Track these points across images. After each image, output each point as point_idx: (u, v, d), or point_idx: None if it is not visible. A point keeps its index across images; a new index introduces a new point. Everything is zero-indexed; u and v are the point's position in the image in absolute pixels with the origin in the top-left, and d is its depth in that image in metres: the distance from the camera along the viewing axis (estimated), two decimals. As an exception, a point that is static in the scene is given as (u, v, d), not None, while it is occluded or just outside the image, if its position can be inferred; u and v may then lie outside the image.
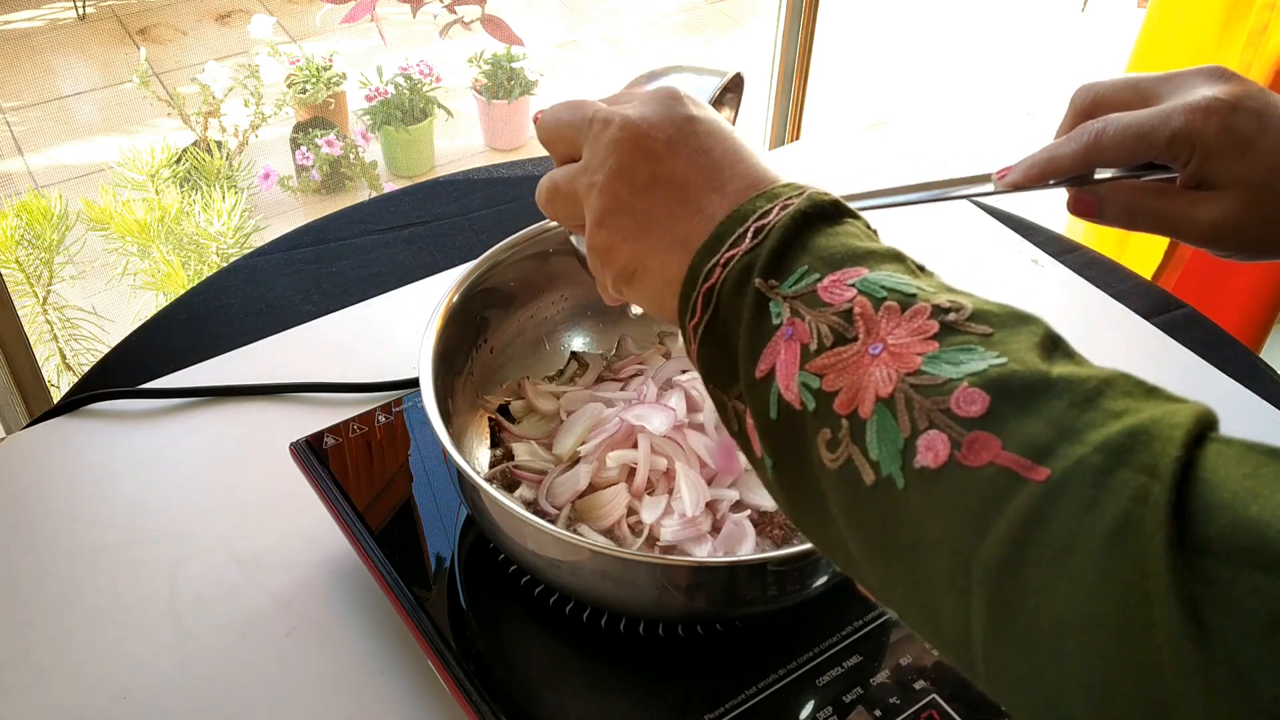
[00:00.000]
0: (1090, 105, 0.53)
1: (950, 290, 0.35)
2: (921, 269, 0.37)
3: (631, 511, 0.63)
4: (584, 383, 0.72)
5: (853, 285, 0.35)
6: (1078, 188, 0.52)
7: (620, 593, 0.56)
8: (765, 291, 0.36)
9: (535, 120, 0.47)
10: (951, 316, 0.33)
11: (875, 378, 0.32)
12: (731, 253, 0.37)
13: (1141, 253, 1.51)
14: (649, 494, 0.63)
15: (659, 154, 0.41)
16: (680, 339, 0.59)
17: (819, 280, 0.35)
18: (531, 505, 0.64)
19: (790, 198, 0.38)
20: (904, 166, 1.12)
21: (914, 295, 0.34)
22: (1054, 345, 0.32)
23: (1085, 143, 0.50)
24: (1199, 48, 1.41)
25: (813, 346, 0.34)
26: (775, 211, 0.37)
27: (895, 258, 0.36)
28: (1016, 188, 0.52)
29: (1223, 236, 0.49)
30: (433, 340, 0.62)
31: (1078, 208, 0.53)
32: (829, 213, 0.37)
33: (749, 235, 0.37)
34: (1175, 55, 1.45)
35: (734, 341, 0.37)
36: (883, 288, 0.34)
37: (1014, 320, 0.33)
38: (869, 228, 0.38)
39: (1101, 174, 0.51)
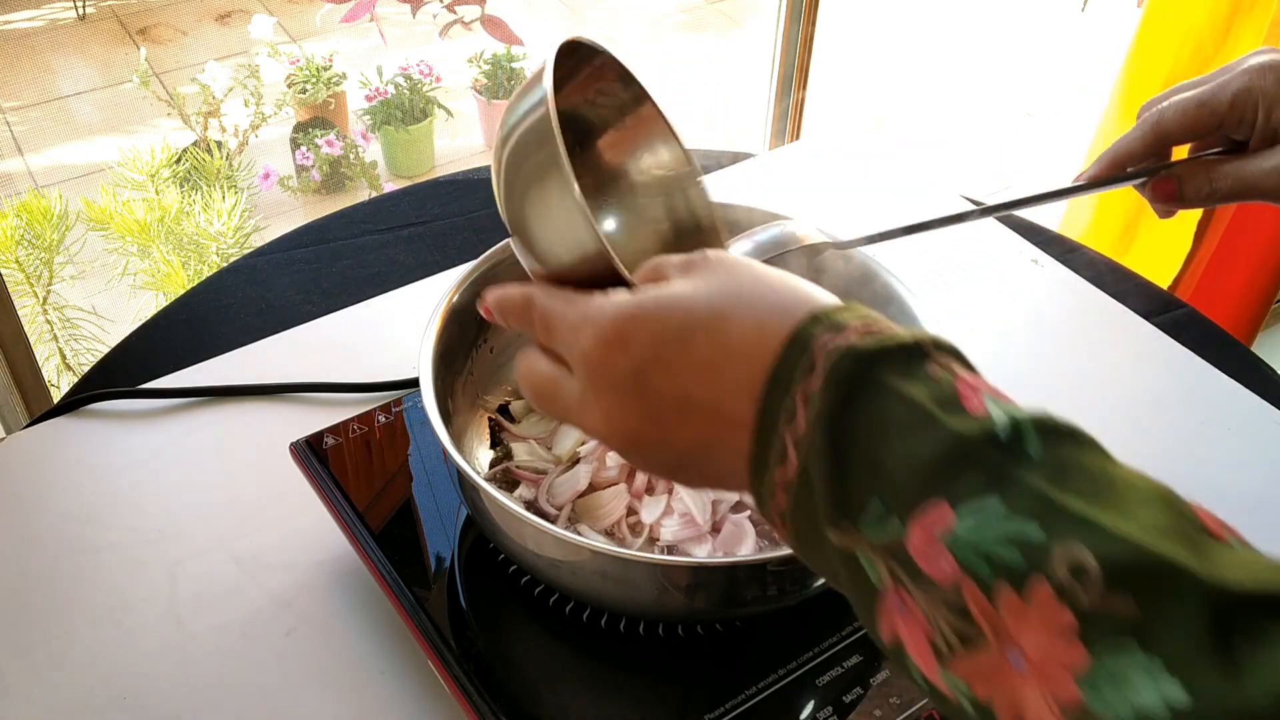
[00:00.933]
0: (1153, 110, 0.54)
1: (1051, 494, 0.28)
2: (1005, 440, 0.30)
3: (631, 511, 0.63)
4: None
5: (947, 547, 0.28)
6: (1154, 176, 0.53)
7: (620, 593, 0.56)
8: (847, 544, 0.30)
9: (487, 313, 0.43)
10: (1083, 600, 0.26)
11: (1032, 703, 0.27)
12: (782, 478, 0.32)
13: (1156, 262, 1.50)
14: (649, 494, 0.63)
15: (654, 440, 0.36)
16: None
17: (903, 533, 0.29)
18: (531, 505, 0.64)
19: (806, 378, 0.31)
20: (905, 169, 1.12)
21: (1020, 563, 0.27)
22: (1226, 624, 0.25)
23: (1150, 123, 0.51)
24: (1200, 41, 1.39)
25: (940, 645, 0.29)
26: (800, 417, 0.31)
27: (959, 456, 0.29)
28: (1096, 180, 0.53)
29: None
30: (433, 340, 0.62)
31: (1159, 192, 0.53)
32: (852, 379, 0.31)
33: (789, 451, 0.31)
34: (1175, 48, 1.43)
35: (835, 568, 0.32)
36: (985, 559, 0.28)
37: (1156, 575, 0.26)
38: (913, 383, 0.31)
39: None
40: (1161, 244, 1.50)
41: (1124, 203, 1.52)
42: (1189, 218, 1.45)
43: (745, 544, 0.61)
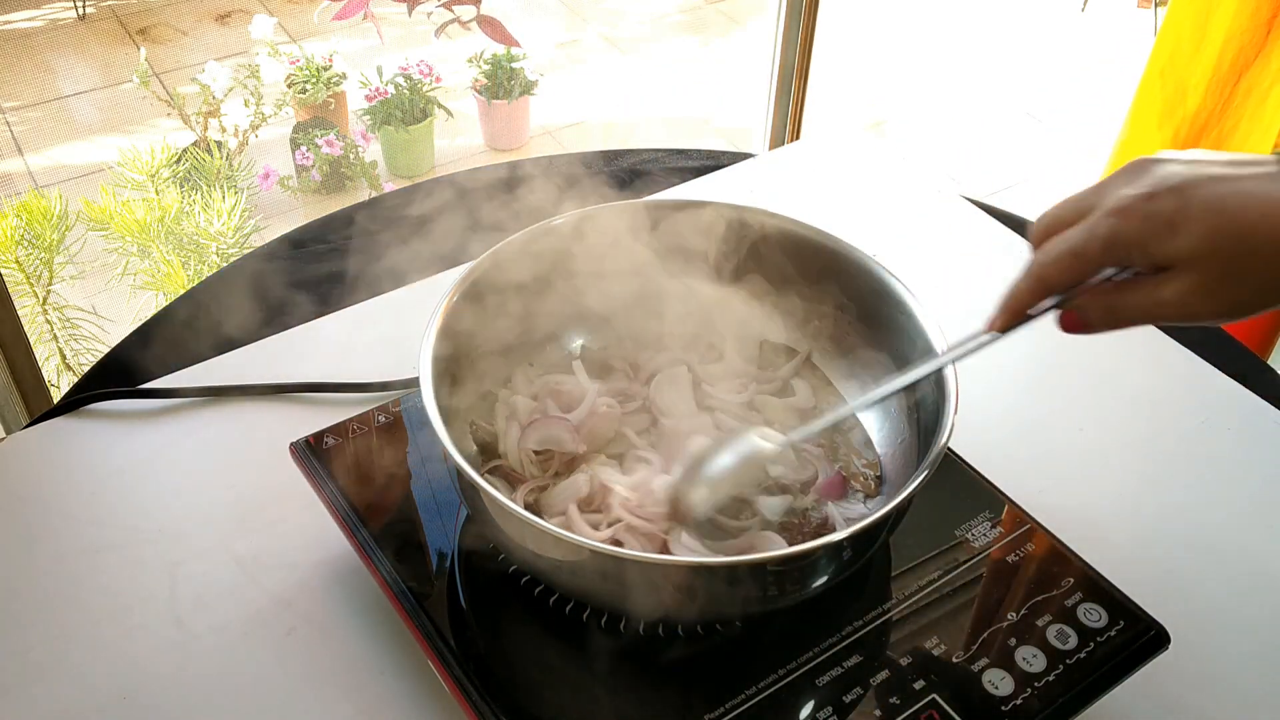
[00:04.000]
0: (1042, 234, 0.54)
1: None
2: None
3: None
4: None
5: None
6: (1060, 308, 0.54)
7: (620, 593, 0.56)
8: None
9: None
10: None
11: None
12: None
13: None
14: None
15: None
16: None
17: None
18: (531, 507, 0.64)
19: None
20: (905, 169, 1.12)
21: None
22: None
23: (1034, 276, 0.52)
24: (1242, 45, 1.34)
25: None
26: None
27: None
28: (1005, 329, 0.55)
29: (1197, 309, 0.49)
30: (433, 340, 0.62)
31: (1067, 324, 0.54)
32: None
33: None
34: (1207, 52, 1.38)
35: None
36: None
37: None
38: None
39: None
40: None
41: None
42: None
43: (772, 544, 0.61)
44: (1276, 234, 0.45)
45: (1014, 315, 0.54)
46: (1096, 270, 0.51)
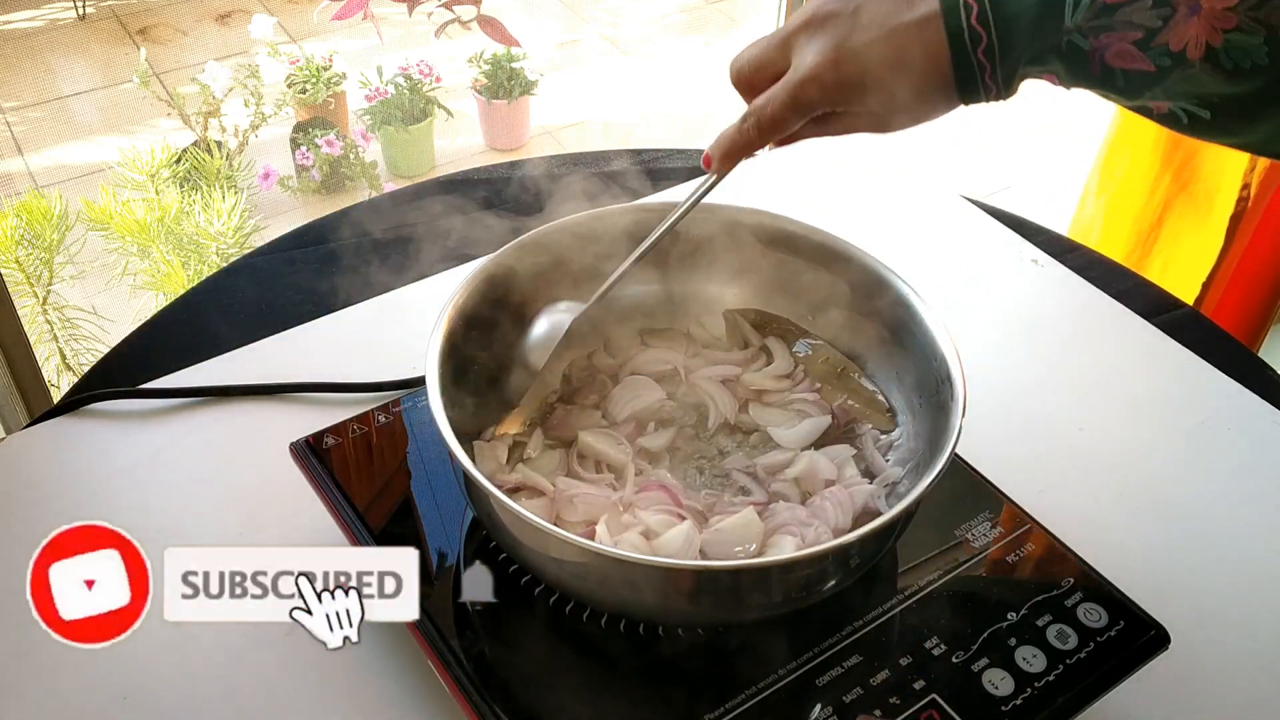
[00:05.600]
0: (743, 79, 0.60)
1: None
2: None
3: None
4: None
5: None
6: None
7: (632, 597, 0.55)
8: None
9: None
10: None
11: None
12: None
13: (1181, 279, 1.49)
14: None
15: None
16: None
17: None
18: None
19: None
20: (905, 169, 1.12)
21: None
22: None
23: (762, 125, 0.59)
24: None
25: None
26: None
27: None
28: (724, 173, 0.62)
29: (889, 129, 0.58)
30: (439, 345, 0.61)
31: (784, 142, 0.61)
32: None
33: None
34: None
35: None
36: None
37: None
38: None
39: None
40: (1186, 255, 1.48)
41: (1137, 213, 1.51)
42: (1215, 229, 1.43)
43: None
44: (932, 62, 0.53)
45: (734, 161, 0.62)
46: (807, 117, 0.58)
